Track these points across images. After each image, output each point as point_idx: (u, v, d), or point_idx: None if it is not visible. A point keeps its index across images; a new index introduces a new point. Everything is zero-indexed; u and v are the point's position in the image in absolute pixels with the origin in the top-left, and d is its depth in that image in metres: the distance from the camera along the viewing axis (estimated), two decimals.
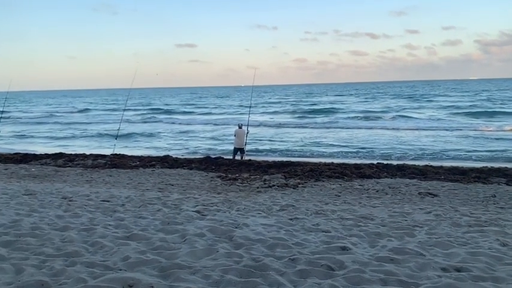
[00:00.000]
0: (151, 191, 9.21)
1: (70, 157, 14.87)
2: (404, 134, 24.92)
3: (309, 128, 29.61)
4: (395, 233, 5.23)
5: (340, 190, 9.34)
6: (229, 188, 9.70)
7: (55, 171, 12.44)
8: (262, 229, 5.25)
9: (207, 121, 37.02)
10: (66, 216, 5.90)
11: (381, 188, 9.66)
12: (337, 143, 21.26)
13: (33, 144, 24.52)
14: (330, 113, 40.88)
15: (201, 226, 5.32)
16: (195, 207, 6.84)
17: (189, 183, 10.42)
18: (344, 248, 4.44)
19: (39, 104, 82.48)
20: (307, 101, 63.19)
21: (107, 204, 7.07)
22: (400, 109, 42.38)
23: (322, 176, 10.89)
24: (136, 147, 22.27)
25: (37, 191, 8.32)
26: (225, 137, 25.21)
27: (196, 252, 4.17)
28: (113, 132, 27.59)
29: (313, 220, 6.02)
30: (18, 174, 11.84)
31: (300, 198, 8.27)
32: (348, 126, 29.49)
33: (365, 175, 11.08)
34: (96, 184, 10.27)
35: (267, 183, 10.13)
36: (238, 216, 6.13)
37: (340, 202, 8.00)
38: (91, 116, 48.70)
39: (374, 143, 20.84)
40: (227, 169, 12.49)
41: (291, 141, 22.73)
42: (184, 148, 21.64)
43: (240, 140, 15.09)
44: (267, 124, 32.74)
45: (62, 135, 29.87)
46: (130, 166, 13.29)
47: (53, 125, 38.23)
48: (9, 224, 5.27)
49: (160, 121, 39.03)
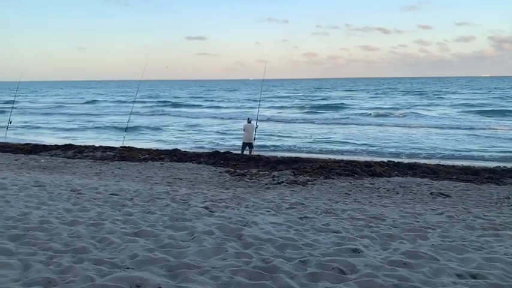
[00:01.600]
0: (160, 184, 9.19)
1: (79, 149, 14.93)
2: (415, 131, 24.62)
3: (318, 123, 29.35)
4: (408, 235, 5.12)
5: (350, 188, 9.23)
6: (237, 184, 9.64)
7: (64, 162, 12.49)
8: (272, 228, 5.17)
9: (215, 115, 36.98)
10: (74, 210, 5.88)
11: (392, 187, 9.52)
12: (347, 140, 21.05)
13: (41, 135, 24.70)
14: (339, 108, 40.56)
15: (210, 223, 5.26)
16: (204, 203, 6.78)
17: (197, 178, 10.38)
18: (355, 250, 4.34)
19: (48, 95, 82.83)
20: (317, 95, 62.74)
21: (115, 198, 7.05)
22: (411, 106, 41.86)
23: (332, 173, 10.78)
24: (145, 140, 22.31)
25: (46, 183, 8.32)
26: (233, 132, 25.13)
27: (204, 251, 4.10)
28: (122, 125, 27.65)
29: (323, 219, 5.93)
30: (28, 165, 11.91)
31: (309, 196, 8.17)
32: (358, 122, 29.19)
33: (376, 173, 10.94)
34: (105, 177, 10.28)
35: (275, 179, 10.05)
36: (247, 214, 6.05)
37: (350, 201, 7.89)
38: (100, 107, 48.83)
39: (384, 140, 20.61)
40: (236, 164, 12.44)
41: (299, 136, 22.57)
42: (192, 142, 21.63)
43: (249, 134, 15.00)
44: (275, 119, 32.55)
45: (71, 126, 29.99)
46: (139, 159, 13.30)
47: (62, 116, 38.42)
48: (18, 217, 5.25)
49: (168, 114, 39.10)
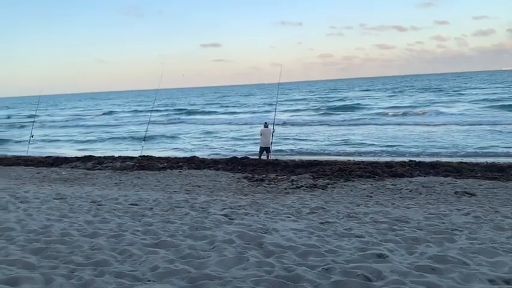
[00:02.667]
0: (179, 193, 9.19)
1: (99, 160, 15.11)
2: (435, 129, 24.11)
3: (335, 125, 29.07)
4: (434, 238, 4.95)
5: (371, 190, 9.04)
6: (256, 189, 9.56)
7: (85, 174, 12.65)
8: (293, 235, 5.08)
9: (230, 121, 37.06)
10: (95, 222, 5.91)
11: (414, 187, 9.29)
12: (366, 141, 20.75)
13: (61, 148, 25.13)
14: (356, 109, 40.08)
15: (230, 231, 5.19)
16: (223, 211, 6.73)
17: (215, 185, 10.35)
18: (380, 256, 4.21)
19: (67, 107, 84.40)
20: (333, 97, 62.25)
21: (135, 208, 7.06)
22: (430, 103, 41.04)
23: (352, 175, 10.59)
24: (162, 148, 22.49)
25: (67, 195, 8.42)
26: (249, 137, 25.09)
27: (225, 261, 4.03)
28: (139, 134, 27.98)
29: (346, 224, 5.79)
30: (49, 178, 12.11)
31: (329, 199, 8.03)
32: (376, 122, 28.77)
33: (397, 174, 10.70)
34: (125, 187, 10.36)
35: (294, 183, 9.93)
36: (267, 220, 5.97)
37: (372, 203, 7.71)
38: (118, 118, 49.45)
39: (404, 140, 20.23)
40: (253, 169, 12.37)
41: (317, 139, 22.38)
42: (208, 149, 21.67)
43: (266, 139, 14.93)
44: (291, 122, 32.40)
45: (89, 138, 30.37)
46: (158, 168, 13.37)
47: (80, 128, 38.97)
48: (40, 230, 5.30)
49: (184, 122, 39.36)
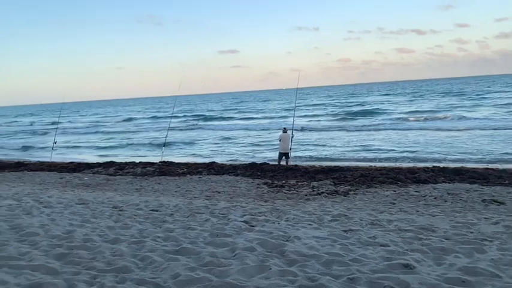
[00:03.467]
0: (199, 198, 9.18)
1: (120, 165, 15.27)
2: (458, 134, 23.52)
3: (354, 130, 28.69)
4: (463, 248, 4.76)
5: (394, 197, 8.82)
6: (276, 196, 9.47)
7: (106, 179, 12.81)
8: (315, 243, 4.97)
9: (248, 126, 37.01)
10: (116, 227, 5.93)
11: (439, 194, 9.02)
12: (386, 146, 20.38)
13: (82, 154, 25.54)
14: (376, 114, 39.50)
15: (251, 239, 5.12)
16: (243, 217, 6.67)
17: (235, 191, 10.31)
18: (407, 266, 4.06)
19: (88, 114, 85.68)
20: (352, 101, 61.57)
21: (156, 214, 7.07)
22: (452, 108, 40.12)
23: (374, 181, 10.37)
24: (182, 154, 22.61)
25: (89, 200, 8.52)
26: (267, 143, 25.01)
27: (247, 269, 3.96)
28: (158, 140, 28.26)
29: (369, 232, 5.64)
30: (72, 183, 12.29)
31: (352, 206, 7.87)
32: (397, 127, 28.25)
33: (420, 180, 10.43)
34: (146, 192, 10.42)
35: (315, 190, 9.79)
36: (288, 228, 5.87)
37: (395, 210, 7.52)
38: (138, 124, 49.97)
39: (426, 145, 19.79)
40: (273, 175, 12.27)
41: (336, 145, 22.11)
42: (227, 154, 21.67)
43: (285, 144, 14.83)
44: (310, 128, 32.17)
45: (110, 144, 30.70)
46: (178, 173, 13.43)
47: (101, 135, 39.41)
48: (63, 235, 5.34)
49: (203, 128, 39.49)
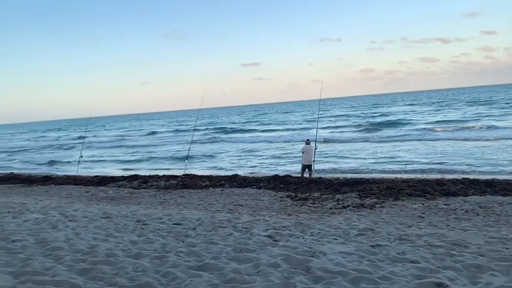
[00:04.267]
0: (222, 212, 9.11)
1: (144, 179, 15.43)
2: (488, 144, 22.71)
3: (379, 141, 28.11)
4: (499, 266, 4.49)
5: (423, 210, 8.51)
6: (300, 209, 9.30)
7: (130, 193, 12.94)
8: (342, 258, 4.79)
9: (270, 138, 36.83)
10: (139, 242, 5.91)
11: (470, 207, 8.66)
12: (413, 157, 19.85)
13: (107, 167, 25.88)
14: (401, 124, 38.71)
15: (275, 254, 4.99)
16: (267, 231, 6.54)
17: (258, 204, 10.20)
18: (440, 285, 3.85)
19: (113, 128, 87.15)
20: (376, 112, 60.63)
21: (178, 228, 7.03)
22: (480, 117, 38.97)
23: (401, 194, 10.07)
24: (204, 167, 22.66)
25: (113, 214, 8.58)
26: (289, 155, 24.79)
27: (271, 286, 3.83)
28: (181, 153, 28.44)
29: (398, 247, 5.42)
30: (97, 197, 12.47)
31: (378, 220, 7.62)
32: (423, 138, 27.53)
33: (449, 192, 10.06)
34: (169, 206, 10.44)
35: (340, 203, 9.57)
36: (313, 243, 5.70)
37: (424, 224, 7.24)
38: (161, 137, 50.47)
39: (454, 156, 19.16)
40: (296, 188, 12.11)
41: (360, 157, 21.69)
42: (249, 167, 21.56)
43: (308, 156, 14.65)
44: (333, 139, 31.76)
45: (134, 157, 30.98)
46: (201, 186, 13.44)
47: (126, 148, 39.66)
48: (86, 250, 5.35)
49: (225, 140, 39.49)
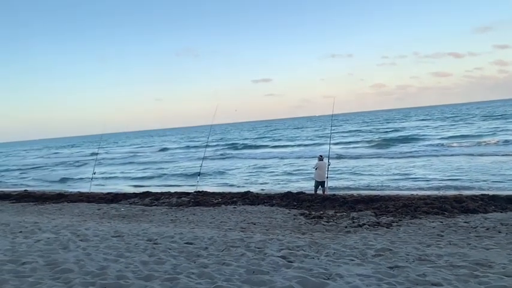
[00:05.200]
0: (234, 230, 8.95)
1: (156, 196, 15.36)
2: (504, 159, 22.15)
3: (393, 157, 27.65)
4: None
5: (442, 229, 8.23)
6: (314, 228, 9.08)
7: (142, 210, 12.86)
8: (359, 281, 4.60)
9: (282, 154, 36.46)
10: (150, 263, 5.78)
11: (492, 225, 8.34)
12: (428, 174, 19.44)
13: (119, 184, 25.84)
14: (415, 140, 38.14)
15: (289, 277, 4.81)
16: (280, 252, 6.36)
17: (271, 222, 10.00)
18: None
19: (126, 145, 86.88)
20: (389, 127, 60.07)
21: (190, 248, 6.90)
22: (496, 131, 38.25)
23: (418, 212, 9.78)
24: (216, 184, 22.49)
25: (124, 233, 8.49)
26: (302, 171, 24.51)
27: None
28: (193, 170, 28.36)
29: (418, 269, 5.19)
30: (109, 214, 12.42)
31: (396, 239, 7.37)
32: (438, 153, 27.00)
33: (469, 209, 9.74)
34: (180, 224, 10.31)
35: (355, 221, 9.32)
36: (329, 264, 5.51)
37: (444, 243, 6.97)
38: (173, 154, 50.29)
39: (471, 172, 18.69)
40: (310, 205, 11.88)
41: (374, 173, 21.32)
42: (261, 183, 21.33)
43: (322, 172, 14.43)
44: (346, 155, 31.36)
45: (146, 174, 30.82)
46: (213, 203, 13.30)
47: (137, 165, 39.37)
48: (96, 272, 5.25)
49: (237, 156, 39.16)
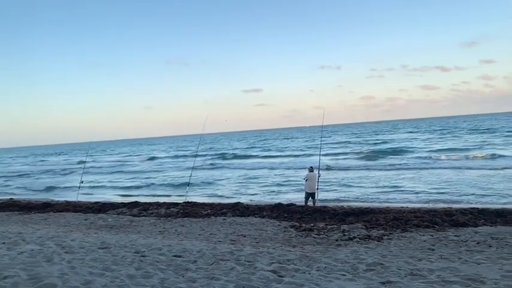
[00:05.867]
0: (224, 243, 8.81)
1: (144, 206, 15.11)
2: (492, 173, 22.40)
3: (382, 169, 27.76)
4: None
5: (433, 242, 8.20)
6: (304, 240, 8.98)
7: (130, 221, 12.63)
8: None
9: (272, 165, 36.25)
10: (137, 276, 5.63)
11: (482, 239, 8.35)
12: (417, 186, 19.55)
13: (107, 194, 25.31)
14: (403, 152, 38.40)
15: None
16: (271, 265, 6.26)
17: (261, 234, 9.88)
18: None
19: (114, 153, 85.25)
20: (378, 139, 60.54)
21: (178, 261, 6.75)
22: (483, 145, 38.80)
23: (408, 225, 9.76)
24: (206, 194, 22.25)
25: (112, 244, 8.29)
26: (292, 182, 24.44)
27: None
28: (182, 180, 27.98)
29: (410, 284, 5.13)
30: (96, 225, 12.16)
31: (387, 253, 7.31)
32: (426, 166, 27.19)
33: (459, 223, 9.76)
34: (169, 235, 10.13)
35: (346, 234, 9.25)
36: (320, 279, 5.42)
37: (435, 257, 6.93)
38: (162, 163, 49.56)
39: (459, 185, 18.83)
40: (300, 217, 11.80)
41: (364, 185, 21.33)
42: (251, 194, 21.18)
43: (312, 183, 14.37)
44: (335, 166, 31.39)
45: (135, 183, 30.07)
46: (202, 215, 13.13)
47: (126, 174, 38.64)
48: (80, 287, 5.07)
49: (227, 166, 38.79)
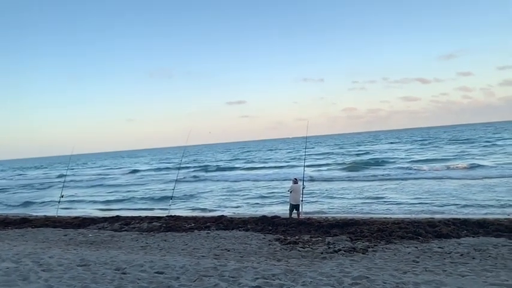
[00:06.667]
0: (207, 258, 8.65)
1: (126, 220, 14.80)
2: (472, 182, 22.83)
3: (365, 180, 28.00)
4: None
5: (417, 254, 8.22)
6: (289, 254, 8.89)
7: (111, 236, 12.31)
8: None
9: (255, 177, 36.10)
10: None
11: (465, 250, 8.41)
12: (399, 197, 19.73)
13: (87, 208, 24.64)
14: (386, 163, 38.80)
15: None
16: (255, 281, 6.14)
17: (246, 248, 9.75)
18: None
19: (95, 166, 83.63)
20: (361, 150, 61.21)
21: (160, 278, 6.57)
22: (463, 155, 39.64)
23: (392, 236, 9.79)
24: (189, 207, 21.93)
25: (91, 261, 8.03)
26: (276, 193, 24.39)
27: None
28: (165, 193, 27.60)
29: None
30: (76, 241, 11.82)
31: (372, 265, 7.29)
32: (408, 177, 27.52)
33: (442, 234, 9.83)
34: (151, 250, 9.90)
35: (331, 247, 9.20)
36: None
37: (420, 270, 6.94)
38: (144, 175, 48.79)
39: (441, 195, 19.09)
40: (285, 230, 11.72)
41: (347, 196, 21.43)
42: (235, 207, 21.01)
43: (296, 195, 14.35)
44: (319, 178, 31.50)
45: (116, 197, 29.48)
46: (185, 228, 12.92)
47: (107, 188, 37.87)
48: None
49: (210, 179, 38.39)
